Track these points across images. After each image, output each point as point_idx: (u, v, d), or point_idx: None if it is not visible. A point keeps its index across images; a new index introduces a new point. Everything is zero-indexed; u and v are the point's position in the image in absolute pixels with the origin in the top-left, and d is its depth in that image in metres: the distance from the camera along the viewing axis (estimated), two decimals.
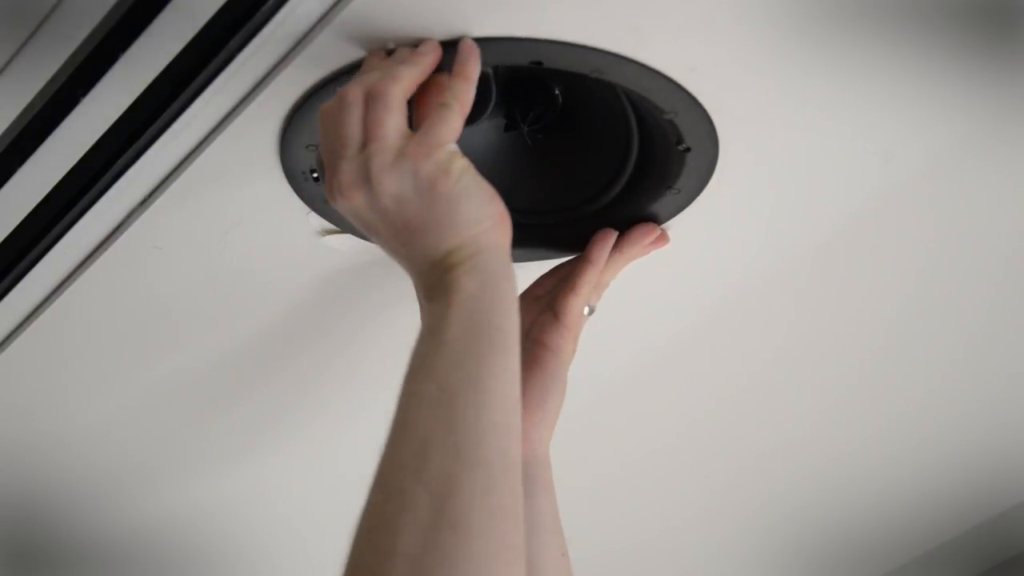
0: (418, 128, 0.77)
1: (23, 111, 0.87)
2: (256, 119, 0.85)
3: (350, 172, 0.76)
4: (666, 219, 0.98)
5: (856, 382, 1.26)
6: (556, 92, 0.92)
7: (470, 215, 0.76)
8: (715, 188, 0.95)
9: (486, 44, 0.79)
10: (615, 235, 0.97)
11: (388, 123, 0.76)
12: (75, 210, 0.92)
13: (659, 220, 0.97)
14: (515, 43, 0.80)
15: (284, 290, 1.05)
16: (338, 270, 1.03)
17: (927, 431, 1.36)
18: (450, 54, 0.79)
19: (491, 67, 0.83)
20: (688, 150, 0.90)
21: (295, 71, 0.81)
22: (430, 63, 0.79)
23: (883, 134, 0.94)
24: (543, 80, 0.92)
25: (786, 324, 1.17)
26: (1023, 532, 1.58)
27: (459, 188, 0.76)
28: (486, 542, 0.67)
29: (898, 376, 1.26)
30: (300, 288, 1.04)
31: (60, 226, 0.93)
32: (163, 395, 1.14)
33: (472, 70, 0.78)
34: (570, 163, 0.97)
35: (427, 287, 0.77)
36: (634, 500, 1.42)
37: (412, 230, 0.77)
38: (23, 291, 0.99)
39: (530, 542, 0.81)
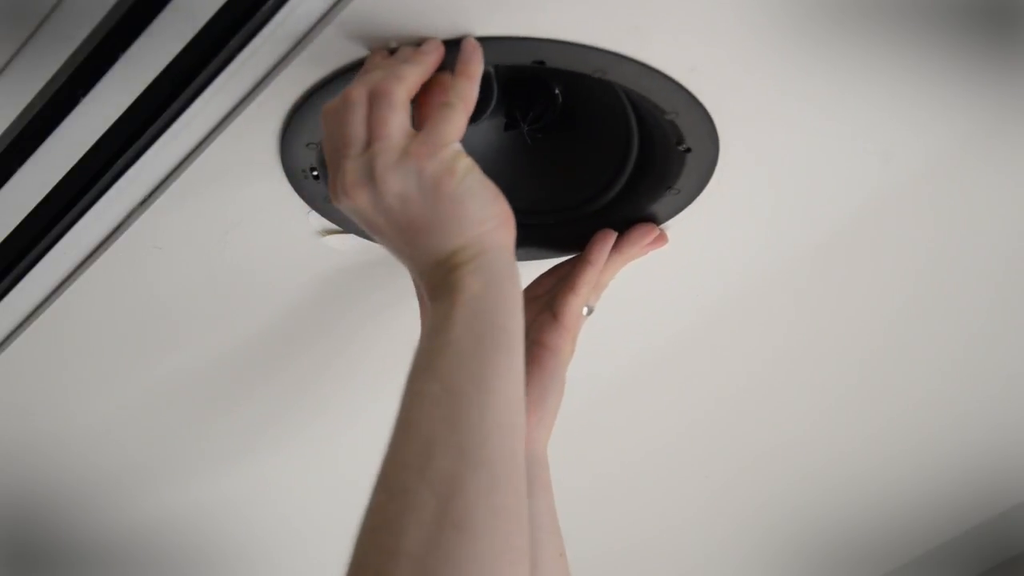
0: (421, 127, 0.77)
1: (23, 111, 0.87)
2: (256, 119, 0.85)
3: (354, 171, 0.76)
4: (665, 219, 0.98)
5: (856, 382, 1.26)
6: (556, 92, 0.92)
7: (475, 215, 0.76)
8: (715, 188, 0.95)
9: (488, 43, 0.79)
10: (615, 236, 0.97)
11: (392, 122, 0.76)
12: (75, 210, 0.92)
13: (658, 220, 0.97)
14: (516, 42, 0.80)
15: (284, 290, 1.05)
16: (338, 270, 1.03)
17: (927, 431, 1.36)
18: (452, 53, 0.79)
19: (492, 66, 0.83)
20: (688, 150, 0.90)
21: (295, 70, 0.81)
22: (433, 62, 0.78)
23: (883, 134, 0.94)
24: (543, 79, 0.92)
25: (786, 324, 1.17)
26: (1023, 532, 1.58)
27: (464, 187, 0.76)
28: (490, 542, 0.67)
29: (898, 376, 1.26)
30: (300, 288, 1.04)
31: (60, 226, 0.93)
32: (163, 395, 1.14)
33: (475, 69, 0.78)
34: (570, 163, 0.97)
35: (431, 287, 0.77)
36: (634, 500, 1.42)
37: (416, 229, 0.76)
38: (23, 291, 0.99)
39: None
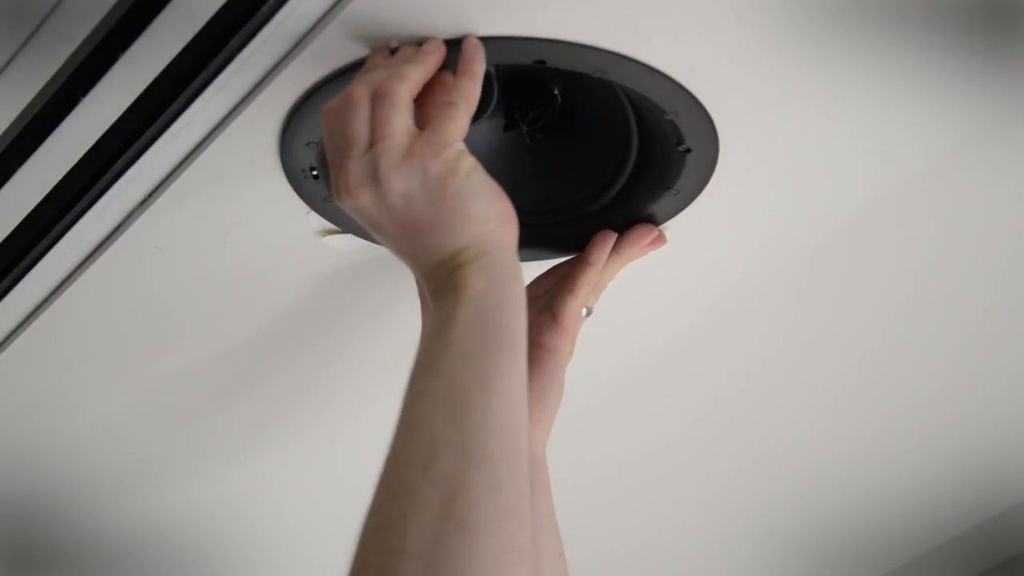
0: (424, 127, 0.77)
1: (23, 111, 0.87)
2: (256, 119, 0.85)
3: (357, 171, 0.76)
4: (665, 220, 0.98)
5: (856, 382, 1.26)
6: (556, 92, 0.92)
7: (478, 214, 0.76)
8: (715, 188, 0.95)
9: (488, 43, 0.79)
10: (614, 237, 0.96)
11: (396, 122, 0.76)
12: (75, 210, 0.92)
13: (657, 221, 0.97)
14: (517, 42, 0.80)
15: (284, 290, 1.05)
16: (338, 270, 1.03)
17: (927, 431, 1.36)
18: (452, 53, 0.79)
19: (492, 66, 0.83)
20: (688, 151, 0.90)
21: (296, 70, 0.81)
22: (435, 62, 0.78)
23: (883, 134, 0.94)
24: (543, 79, 0.92)
25: (786, 324, 1.17)
26: (1023, 532, 1.58)
27: (467, 187, 0.76)
28: (493, 541, 0.67)
29: (898, 376, 1.26)
30: (300, 288, 1.04)
31: (60, 226, 0.93)
32: (163, 395, 1.14)
33: (478, 68, 0.78)
34: (569, 163, 0.97)
35: (434, 286, 0.77)
36: (634, 500, 1.42)
37: (419, 229, 0.76)
38: (23, 291, 0.99)
39: None
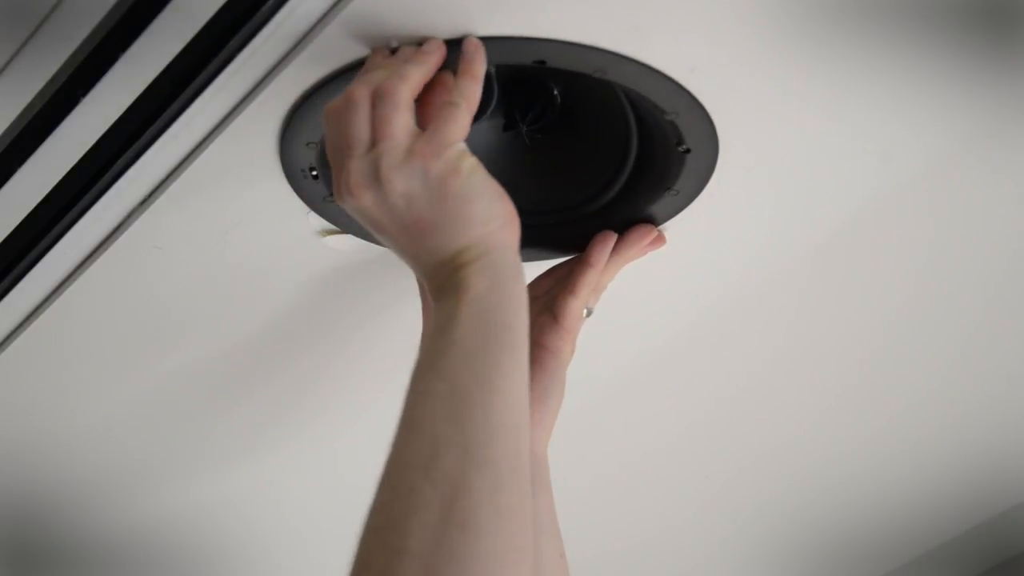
0: (425, 127, 0.77)
1: (23, 111, 0.87)
2: (256, 119, 0.85)
3: (359, 171, 0.76)
4: (664, 220, 0.97)
5: (856, 382, 1.26)
6: (555, 92, 0.92)
7: (480, 214, 0.76)
8: (714, 188, 0.95)
9: (488, 43, 0.79)
10: (615, 237, 0.96)
11: (397, 122, 0.76)
12: (75, 210, 0.92)
13: (657, 221, 0.97)
14: (517, 42, 0.80)
15: (284, 290, 1.05)
16: (338, 270, 1.02)
17: (927, 431, 1.36)
18: (453, 53, 0.79)
19: (493, 66, 0.83)
20: (688, 151, 0.90)
21: (296, 70, 0.81)
22: (435, 62, 0.78)
23: (883, 134, 0.94)
24: (542, 80, 0.92)
25: (786, 324, 1.17)
26: (1023, 532, 1.58)
27: (469, 187, 0.76)
28: (494, 541, 0.67)
29: (898, 376, 1.26)
30: (300, 288, 1.04)
31: (60, 226, 0.93)
32: (163, 395, 1.14)
33: (479, 68, 0.78)
34: (569, 163, 0.97)
35: (435, 286, 0.77)
36: (634, 500, 1.42)
37: (421, 229, 0.76)
38: (23, 291, 0.99)
39: None
